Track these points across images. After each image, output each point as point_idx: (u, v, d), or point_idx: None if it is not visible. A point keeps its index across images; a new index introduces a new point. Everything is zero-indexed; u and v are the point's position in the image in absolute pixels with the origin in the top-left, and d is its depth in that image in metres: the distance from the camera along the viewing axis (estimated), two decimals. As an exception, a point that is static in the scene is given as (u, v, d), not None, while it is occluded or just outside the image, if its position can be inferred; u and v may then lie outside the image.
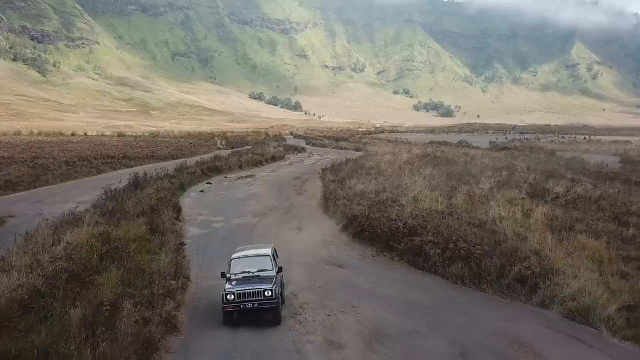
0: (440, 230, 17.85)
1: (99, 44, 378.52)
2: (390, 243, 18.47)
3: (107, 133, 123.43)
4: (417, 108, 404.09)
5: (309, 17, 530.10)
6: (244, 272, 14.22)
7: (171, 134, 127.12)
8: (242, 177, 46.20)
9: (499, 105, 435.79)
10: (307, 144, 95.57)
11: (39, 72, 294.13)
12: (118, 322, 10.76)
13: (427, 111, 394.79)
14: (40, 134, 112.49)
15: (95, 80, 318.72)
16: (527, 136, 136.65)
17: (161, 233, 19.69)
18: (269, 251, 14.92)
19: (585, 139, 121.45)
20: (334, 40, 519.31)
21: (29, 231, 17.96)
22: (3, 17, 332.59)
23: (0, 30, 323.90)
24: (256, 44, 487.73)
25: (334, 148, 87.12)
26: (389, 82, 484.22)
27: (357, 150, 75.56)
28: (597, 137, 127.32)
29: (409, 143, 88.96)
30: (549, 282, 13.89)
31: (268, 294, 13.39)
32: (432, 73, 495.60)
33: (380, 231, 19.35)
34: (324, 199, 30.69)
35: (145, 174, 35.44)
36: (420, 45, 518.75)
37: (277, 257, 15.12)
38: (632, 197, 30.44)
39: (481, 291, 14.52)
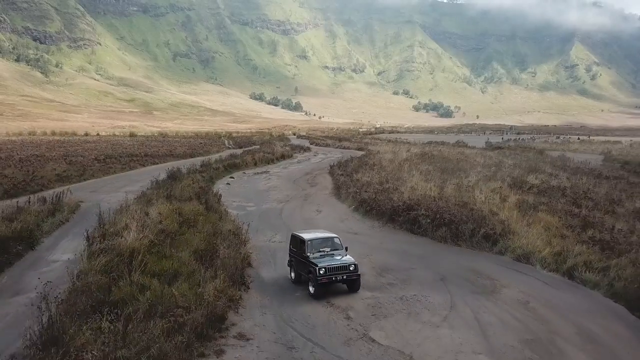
0: (431, 207, 23.67)
1: (100, 44, 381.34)
2: (393, 217, 24.45)
3: (117, 133, 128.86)
4: (416, 108, 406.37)
5: (309, 18, 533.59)
6: (320, 251, 16.81)
7: (179, 134, 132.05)
8: (257, 173, 51.50)
9: (497, 105, 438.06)
10: (311, 144, 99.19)
11: (41, 73, 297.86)
12: (214, 258, 16.29)
13: (427, 111, 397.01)
14: (54, 133, 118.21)
15: (97, 80, 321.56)
16: (522, 136, 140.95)
17: (213, 210, 25.18)
18: (335, 234, 17.72)
19: (578, 139, 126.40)
20: (334, 41, 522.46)
21: (116, 208, 23.58)
22: (5, 17, 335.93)
23: (3, 31, 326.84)
24: (257, 44, 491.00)
25: (336, 147, 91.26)
26: (389, 82, 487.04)
27: (359, 149, 79.77)
28: (591, 137, 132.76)
29: (408, 143, 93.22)
30: (506, 239, 19.61)
31: (352, 267, 16.23)
32: (431, 73, 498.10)
33: (384, 209, 25.28)
34: (336, 189, 36.33)
35: (178, 169, 40.86)
36: (420, 46, 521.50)
37: None
38: (596, 187, 35.97)
39: (457, 246, 20.26)
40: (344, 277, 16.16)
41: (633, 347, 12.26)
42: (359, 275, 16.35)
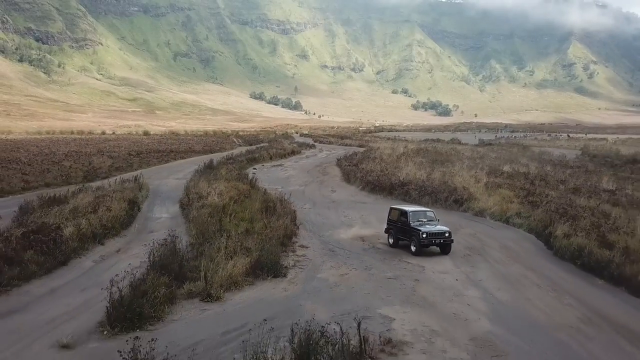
0: (419, 184, 32.21)
1: (102, 44, 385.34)
2: (391, 191, 33.47)
3: (126, 132, 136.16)
4: (415, 107, 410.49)
5: (309, 18, 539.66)
6: (419, 220, 21.09)
7: (189, 133, 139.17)
8: (274, 166, 59.75)
9: (495, 104, 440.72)
10: (315, 142, 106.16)
11: (44, 73, 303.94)
12: (273, 212, 24.67)
13: (425, 110, 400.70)
14: (72, 132, 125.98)
15: (99, 80, 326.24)
16: (515, 134, 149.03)
17: (256, 188, 33.54)
18: (430, 209, 22.85)
19: (568, 136, 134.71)
20: (333, 40, 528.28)
21: (187, 185, 32.10)
22: (8, 18, 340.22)
23: (6, 32, 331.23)
24: (256, 44, 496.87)
25: (339, 145, 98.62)
26: (388, 81, 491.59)
27: (360, 146, 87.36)
28: (581, 135, 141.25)
29: (406, 140, 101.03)
30: (469, 203, 28.18)
31: (447, 234, 20.43)
32: (430, 72, 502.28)
33: (384, 186, 34.16)
34: (345, 175, 44.98)
35: (211, 161, 49.32)
36: (419, 45, 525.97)
37: None
38: (557, 173, 44.48)
39: (435, 207, 28.63)
40: (441, 240, 20.47)
41: (530, 252, 21.08)
42: (452, 240, 20.66)
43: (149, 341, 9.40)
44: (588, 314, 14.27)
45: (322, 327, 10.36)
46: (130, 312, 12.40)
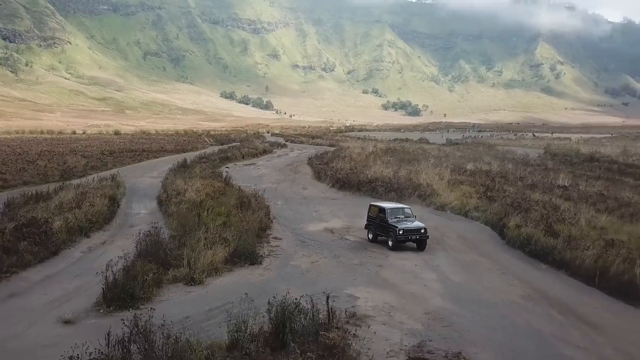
0: (385, 181, 33.97)
1: (70, 43, 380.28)
2: (359, 188, 35.18)
3: (95, 132, 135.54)
4: (385, 107, 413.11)
5: (280, 17, 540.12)
6: (397, 217, 21.94)
7: (160, 133, 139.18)
8: (246, 165, 61.09)
9: (464, 103, 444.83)
10: (286, 141, 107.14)
11: (11, 72, 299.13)
12: (248, 207, 26.18)
13: (395, 110, 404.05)
14: (42, 132, 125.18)
15: (68, 79, 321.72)
16: (482, 133, 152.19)
17: (230, 186, 34.96)
18: (407, 206, 23.61)
19: (534, 135, 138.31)
20: (305, 40, 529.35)
21: (164, 183, 33.37)
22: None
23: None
24: (227, 43, 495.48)
25: (310, 144, 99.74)
26: (359, 81, 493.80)
27: (331, 145, 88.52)
28: (546, 134, 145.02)
29: (376, 140, 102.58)
30: (432, 198, 30.08)
31: (423, 231, 21.18)
32: (400, 73, 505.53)
33: (353, 183, 35.84)
34: (316, 174, 46.61)
35: (185, 160, 50.56)
36: (389, 45, 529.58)
37: None
38: (517, 171, 46.74)
39: (401, 202, 30.42)
40: (417, 237, 21.32)
41: (485, 241, 23.06)
42: (427, 236, 21.46)
43: (147, 310, 10.91)
44: (529, 292, 16.18)
45: (296, 299, 11.97)
46: (123, 293, 13.93)
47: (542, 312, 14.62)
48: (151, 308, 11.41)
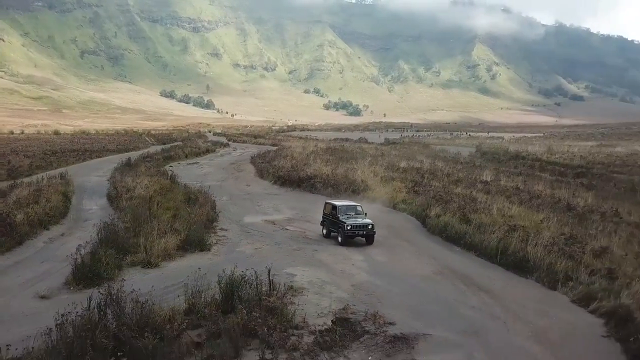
0: (323, 178, 36.58)
1: (3, 40, 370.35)
2: (299, 184, 37.63)
3: (32, 132, 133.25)
4: (327, 107, 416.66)
5: (220, 16, 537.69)
6: (347, 214, 23.23)
7: (100, 132, 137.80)
8: (190, 164, 62.53)
9: (404, 103, 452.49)
10: (228, 141, 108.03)
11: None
12: (195, 202, 28.22)
13: (337, 110, 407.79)
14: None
15: (2, 78, 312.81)
16: (420, 133, 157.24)
17: (177, 183, 36.83)
18: (359, 204, 24.91)
19: (469, 135, 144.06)
20: (245, 39, 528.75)
21: (112, 180, 34.98)
22: None
23: None
24: (167, 41, 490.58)
25: (253, 143, 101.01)
26: (300, 81, 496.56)
27: (274, 145, 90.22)
28: (480, 134, 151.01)
29: (317, 139, 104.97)
30: (365, 192, 32.87)
31: (370, 227, 22.60)
32: (341, 73, 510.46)
33: (294, 179, 38.30)
34: (258, 172, 48.91)
35: (129, 159, 51.90)
36: (330, 46, 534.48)
37: None
38: (446, 168, 50.22)
39: (338, 196, 33.07)
40: (364, 232, 22.69)
41: (409, 229, 25.97)
42: (374, 232, 22.86)
43: (119, 281, 13.04)
44: (441, 269, 19.04)
45: (242, 272, 14.32)
46: (90, 273, 15.98)
47: (449, 283, 17.44)
48: (122, 279, 13.49)
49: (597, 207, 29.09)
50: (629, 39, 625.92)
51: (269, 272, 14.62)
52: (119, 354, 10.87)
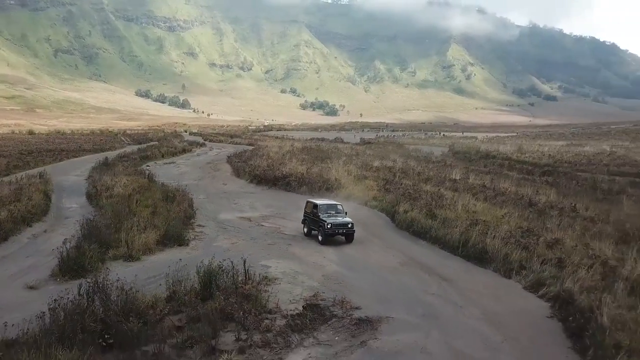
0: (298, 177, 37.74)
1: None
2: (275, 182, 38.78)
3: (6, 131, 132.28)
4: (303, 107, 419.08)
5: (196, 15, 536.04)
6: (328, 213, 23.70)
7: (75, 132, 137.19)
8: (166, 163, 63.14)
9: (380, 103, 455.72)
10: (205, 140, 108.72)
11: None
12: (173, 200, 29.18)
13: (313, 110, 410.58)
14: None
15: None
16: (395, 133, 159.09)
17: (154, 182, 37.67)
18: (343, 203, 25.74)
19: (444, 135, 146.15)
20: (222, 38, 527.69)
21: (91, 179, 35.73)
22: None
23: None
24: (142, 41, 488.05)
25: (229, 143, 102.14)
26: (277, 80, 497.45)
27: (250, 144, 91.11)
28: (454, 133, 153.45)
29: (293, 139, 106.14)
30: (339, 190, 34.11)
31: (350, 225, 23.09)
32: (317, 73, 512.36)
33: (269, 178, 39.39)
34: (235, 171, 49.93)
35: (106, 158, 52.52)
36: (306, 46, 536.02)
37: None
38: (418, 167, 51.68)
39: (312, 195, 34.24)
40: (344, 230, 23.12)
41: (378, 225, 27.29)
42: (354, 230, 23.40)
43: (104, 269, 14.07)
44: (406, 260, 20.35)
45: (219, 262, 15.44)
46: (75, 265, 16.94)
47: (413, 273, 18.74)
48: (107, 268, 14.50)
49: (558, 203, 30.62)
50: (601, 39, 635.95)
51: (244, 263, 15.76)
52: (106, 336, 11.93)
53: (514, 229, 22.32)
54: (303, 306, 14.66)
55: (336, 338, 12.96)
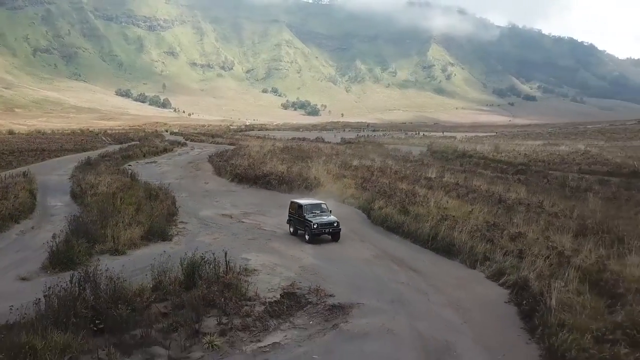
0: (279, 175, 38.85)
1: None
2: (255, 181, 39.81)
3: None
4: (285, 106, 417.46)
5: (176, 15, 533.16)
6: (313, 212, 24.03)
7: (56, 132, 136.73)
8: (148, 163, 63.75)
9: (361, 103, 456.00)
10: (186, 140, 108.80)
11: None
12: (156, 198, 30.09)
13: (295, 110, 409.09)
14: None
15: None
16: (376, 133, 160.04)
17: (137, 181, 38.49)
18: (324, 201, 25.85)
19: (424, 135, 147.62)
20: (202, 38, 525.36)
21: (74, 178, 36.46)
22: None
23: None
24: (122, 40, 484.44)
25: (211, 143, 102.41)
26: (258, 80, 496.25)
27: (231, 144, 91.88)
28: (434, 133, 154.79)
29: (274, 139, 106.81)
30: (318, 188, 35.25)
31: (335, 224, 23.61)
32: (298, 72, 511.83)
33: (250, 177, 40.44)
34: (216, 170, 50.84)
35: (88, 158, 53.18)
36: (287, 45, 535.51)
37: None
38: (395, 166, 53.00)
39: (290, 193, 35.29)
40: (330, 230, 23.64)
41: (355, 220, 28.44)
42: (340, 229, 23.90)
43: (95, 260, 15.07)
44: (379, 253, 21.59)
45: (202, 254, 16.51)
46: (65, 258, 17.91)
47: (385, 265, 19.99)
48: (97, 259, 15.49)
49: (526, 200, 32.07)
50: (579, 40, 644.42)
51: (225, 255, 16.85)
52: (97, 321, 12.95)
53: (480, 224, 23.65)
54: (280, 294, 15.79)
55: (310, 322, 14.10)
